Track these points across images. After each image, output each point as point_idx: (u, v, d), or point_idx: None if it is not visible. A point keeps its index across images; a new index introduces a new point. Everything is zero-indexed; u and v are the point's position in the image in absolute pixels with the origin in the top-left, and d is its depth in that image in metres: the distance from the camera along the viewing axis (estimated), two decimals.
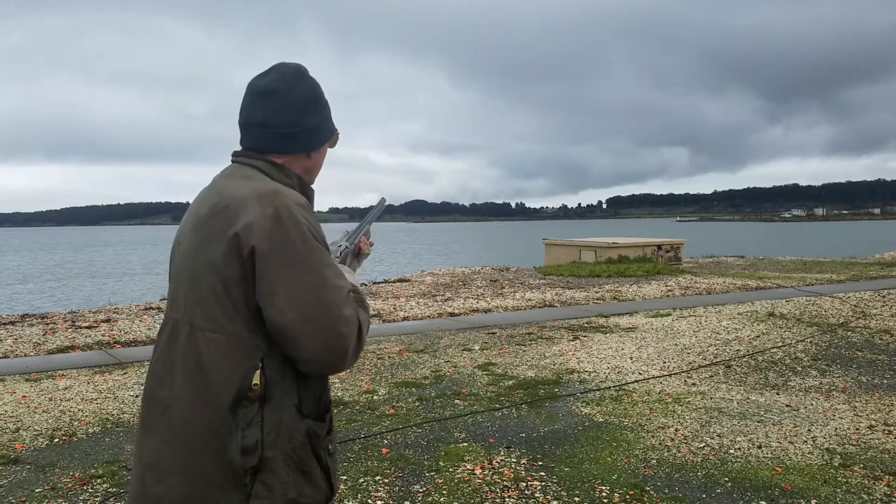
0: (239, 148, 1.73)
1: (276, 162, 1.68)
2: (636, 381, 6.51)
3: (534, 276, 16.39)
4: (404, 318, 10.62)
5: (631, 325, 9.53)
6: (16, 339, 8.82)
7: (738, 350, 7.84)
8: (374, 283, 15.95)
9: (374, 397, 6.07)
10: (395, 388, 6.34)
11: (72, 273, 41.38)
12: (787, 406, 5.73)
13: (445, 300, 12.42)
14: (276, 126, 1.67)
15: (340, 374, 6.61)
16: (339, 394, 6.16)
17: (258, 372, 1.51)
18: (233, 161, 1.71)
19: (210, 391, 1.52)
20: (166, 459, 1.56)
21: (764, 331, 8.92)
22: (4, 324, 10.07)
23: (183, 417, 1.54)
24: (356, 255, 1.99)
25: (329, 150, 1.82)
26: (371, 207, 2.17)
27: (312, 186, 1.78)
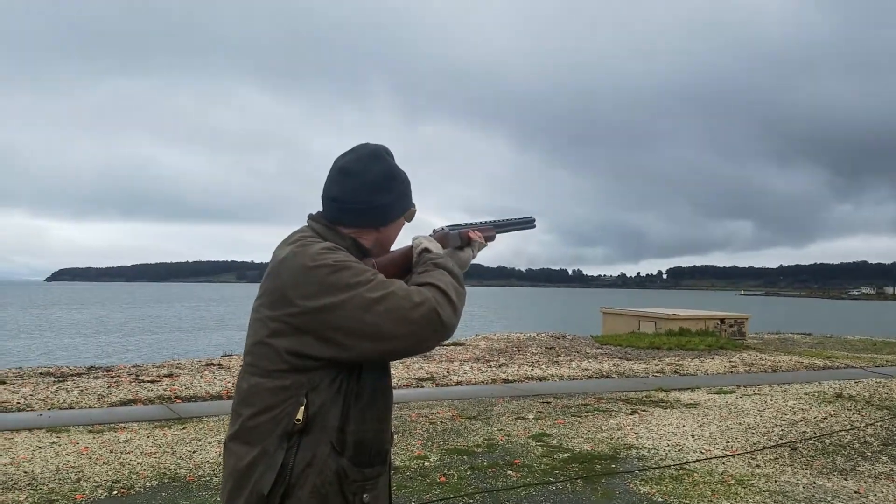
0: (313, 212, 1.89)
1: (332, 226, 1.81)
2: (698, 461, 6.29)
3: (591, 345, 16.13)
4: (458, 383, 10.56)
5: (693, 401, 9.25)
6: (82, 390, 9.09)
7: (804, 432, 7.52)
8: None
9: (426, 463, 6.01)
10: (447, 455, 6.28)
11: (138, 327, 42.57)
12: (855, 493, 5.44)
13: (500, 366, 12.32)
14: (347, 202, 1.81)
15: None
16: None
17: (302, 408, 1.61)
18: (314, 221, 1.86)
19: (257, 431, 1.64)
20: (222, 495, 1.71)
21: (832, 412, 8.54)
22: (71, 375, 10.41)
23: (232, 456, 1.68)
24: (466, 243, 2.06)
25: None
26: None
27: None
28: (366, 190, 1.80)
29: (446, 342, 16.89)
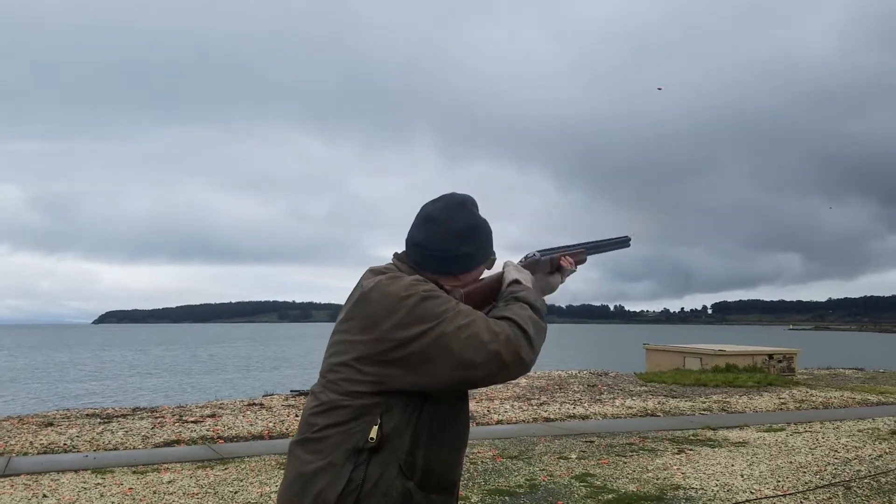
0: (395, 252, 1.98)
1: (416, 269, 1.88)
2: (748, 501, 6.09)
3: (634, 383, 15.85)
4: (498, 422, 10.44)
5: (741, 440, 8.98)
6: (126, 431, 9.21)
7: (858, 470, 7.23)
8: None
9: None
10: (488, 496, 6.18)
11: (180, 368, 43.12)
12: None
13: (541, 404, 12.15)
14: (431, 249, 1.87)
15: None
16: None
17: (376, 427, 1.68)
18: (399, 262, 1.93)
19: (327, 443, 1.70)
20: (284, 496, 1.76)
21: (887, 450, 8.21)
22: (117, 416, 10.56)
23: (297, 460, 1.74)
24: (556, 269, 2.13)
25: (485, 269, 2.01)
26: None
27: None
28: (448, 239, 1.87)
29: None
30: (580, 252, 2.21)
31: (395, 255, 1.96)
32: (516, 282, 1.93)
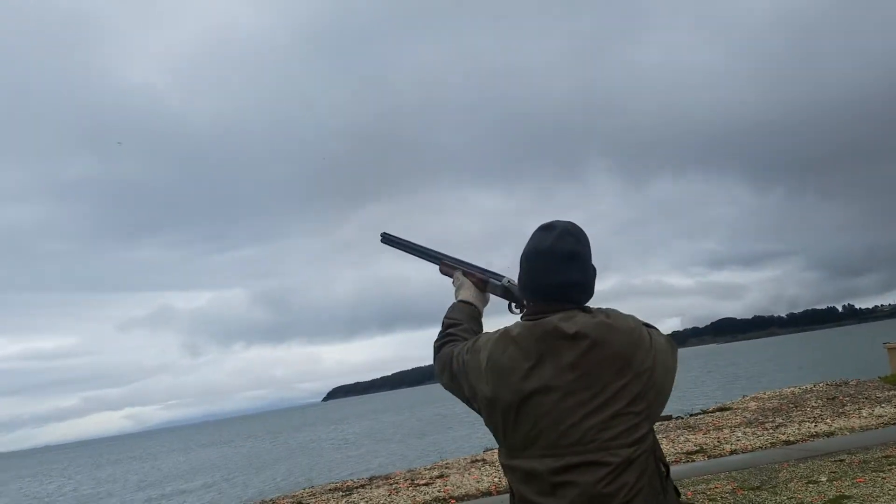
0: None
1: (579, 307, 1.98)
2: None
3: (880, 388, 14.29)
4: (732, 452, 9.83)
5: None
6: (367, 501, 9.76)
7: None
8: (692, 414, 15.06)
9: None
10: None
11: (405, 432, 44.87)
12: None
13: (777, 427, 11.30)
14: (588, 282, 2.01)
15: None
16: None
17: (661, 463, 1.85)
18: (550, 311, 1.94)
19: (643, 492, 1.79)
20: None
21: None
22: (356, 487, 11.23)
23: None
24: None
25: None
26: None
27: None
28: (590, 266, 2.02)
29: (711, 408, 15.88)
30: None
31: (547, 307, 1.95)
32: None
